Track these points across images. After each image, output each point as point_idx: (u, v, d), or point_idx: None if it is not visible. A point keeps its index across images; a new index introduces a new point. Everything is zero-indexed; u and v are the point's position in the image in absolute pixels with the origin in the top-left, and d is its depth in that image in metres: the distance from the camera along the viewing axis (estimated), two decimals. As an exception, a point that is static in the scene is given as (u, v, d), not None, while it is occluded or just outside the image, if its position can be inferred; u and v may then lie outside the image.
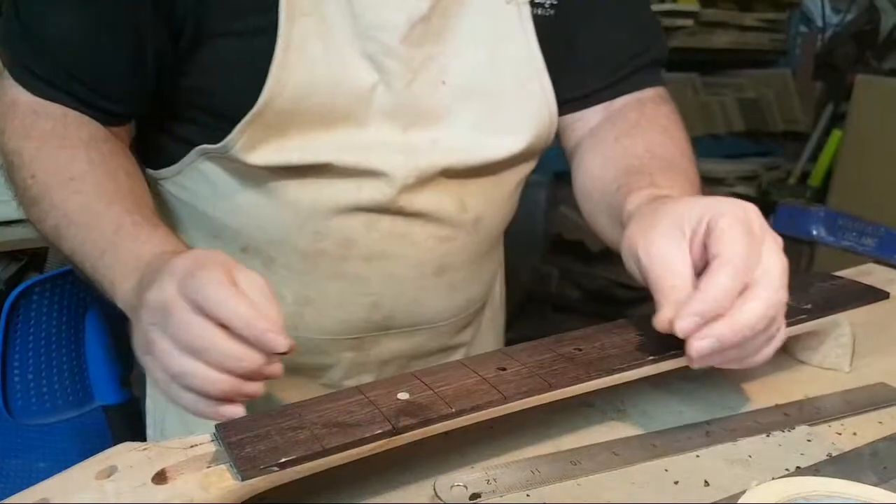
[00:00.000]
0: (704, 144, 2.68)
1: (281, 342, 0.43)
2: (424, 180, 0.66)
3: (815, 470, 0.46)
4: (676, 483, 0.45)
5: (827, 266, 0.71)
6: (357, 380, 0.73)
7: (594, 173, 0.70)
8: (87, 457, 0.40)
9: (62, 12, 0.59)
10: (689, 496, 0.44)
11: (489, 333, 0.87)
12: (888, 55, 2.78)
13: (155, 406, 0.80)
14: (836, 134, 2.50)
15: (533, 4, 0.67)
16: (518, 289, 1.92)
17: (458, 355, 0.81)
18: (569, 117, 0.75)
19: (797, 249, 0.78)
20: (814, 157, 2.63)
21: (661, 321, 0.47)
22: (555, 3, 0.68)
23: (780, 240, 0.49)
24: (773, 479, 0.45)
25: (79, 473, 0.39)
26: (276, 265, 0.69)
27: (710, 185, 2.47)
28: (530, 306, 1.87)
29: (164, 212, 0.74)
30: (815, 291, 0.61)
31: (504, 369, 0.46)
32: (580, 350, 0.49)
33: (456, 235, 0.71)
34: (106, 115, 0.64)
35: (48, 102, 0.61)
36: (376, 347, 0.73)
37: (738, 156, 2.78)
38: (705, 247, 0.48)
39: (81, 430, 1.10)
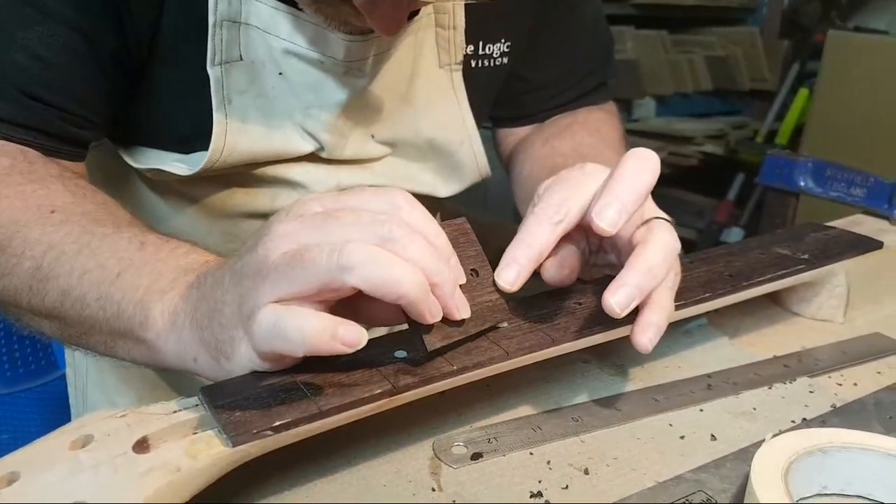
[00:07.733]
0: (673, 103, 2.68)
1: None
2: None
3: (821, 421, 0.45)
4: (682, 438, 0.44)
5: (809, 219, 0.70)
6: None
7: (524, 175, 0.69)
8: (52, 428, 0.37)
9: (22, 38, 0.51)
10: (697, 450, 0.42)
11: None
12: (853, 14, 2.80)
13: (76, 375, 0.78)
14: (804, 92, 2.51)
15: (483, 57, 0.66)
16: (492, 250, 1.90)
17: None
18: (501, 131, 0.76)
19: (784, 202, 0.78)
20: (780, 117, 2.65)
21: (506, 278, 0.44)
22: (506, 50, 0.67)
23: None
24: (780, 431, 0.44)
25: (50, 444, 0.35)
26: None
27: (679, 143, 2.47)
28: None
29: None
30: (810, 242, 0.60)
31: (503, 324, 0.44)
32: (580, 304, 0.47)
33: None
34: (73, 147, 0.56)
35: (2, 143, 0.52)
36: None
37: (706, 114, 2.78)
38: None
39: (45, 400, 1.07)
